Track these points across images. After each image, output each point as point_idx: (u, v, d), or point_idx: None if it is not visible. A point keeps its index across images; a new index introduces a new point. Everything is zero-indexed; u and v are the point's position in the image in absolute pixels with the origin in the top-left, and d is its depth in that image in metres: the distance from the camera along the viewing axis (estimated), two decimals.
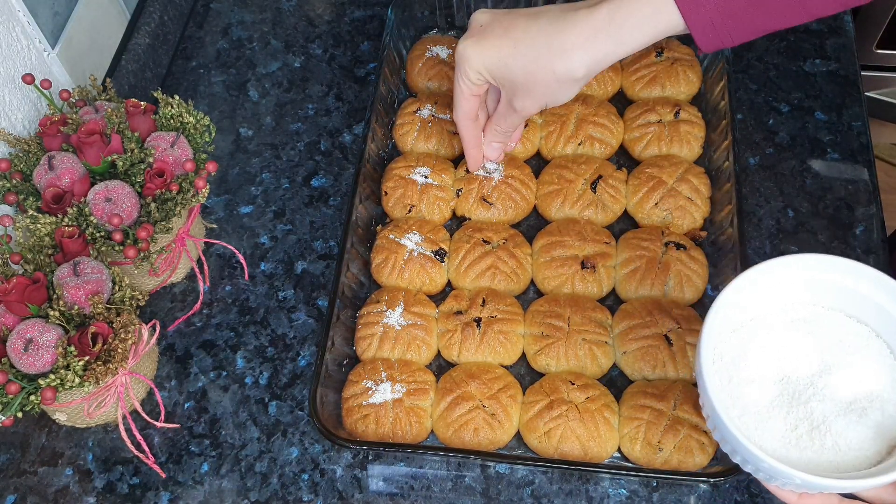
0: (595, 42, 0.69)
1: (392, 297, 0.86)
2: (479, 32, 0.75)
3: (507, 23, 0.73)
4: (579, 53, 0.70)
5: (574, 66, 0.70)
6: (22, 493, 0.81)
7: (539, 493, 0.79)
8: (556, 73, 0.71)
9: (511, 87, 0.75)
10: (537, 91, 0.74)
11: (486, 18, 0.75)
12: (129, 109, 0.85)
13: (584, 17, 0.69)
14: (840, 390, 0.62)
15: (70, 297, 0.74)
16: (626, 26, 0.68)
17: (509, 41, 0.72)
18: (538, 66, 0.71)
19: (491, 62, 0.74)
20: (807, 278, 0.66)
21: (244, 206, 1.00)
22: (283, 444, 0.83)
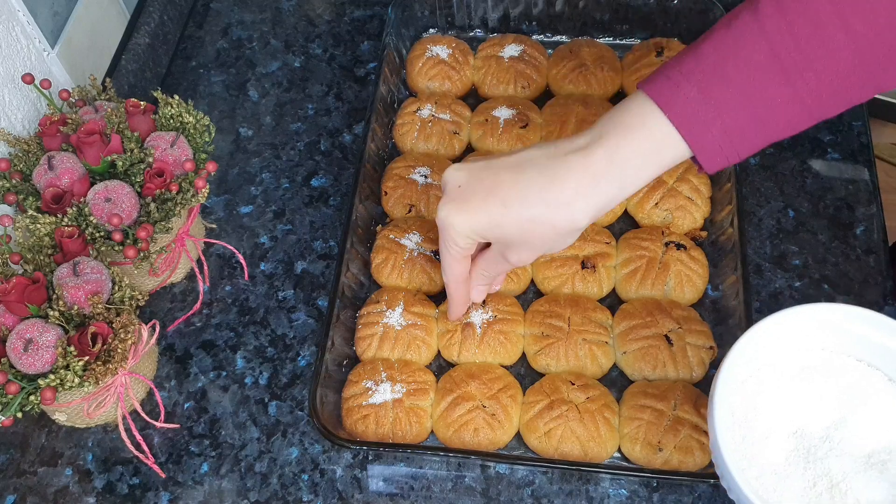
0: (597, 189, 0.63)
1: (392, 297, 0.86)
2: (459, 196, 0.68)
3: (490, 181, 0.67)
4: (581, 204, 0.64)
5: (576, 217, 0.64)
6: (22, 493, 0.81)
7: (539, 494, 0.79)
8: (557, 227, 0.65)
9: (504, 244, 0.70)
10: (535, 245, 0.68)
11: (461, 177, 0.69)
12: (128, 109, 0.85)
13: (579, 164, 0.63)
14: (857, 443, 0.61)
15: (70, 297, 0.74)
16: (629, 167, 0.63)
17: (497, 201, 0.66)
18: (535, 223, 0.65)
19: (480, 226, 0.67)
20: (816, 325, 0.65)
21: (244, 206, 0.99)
22: (283, 445, 0.83)
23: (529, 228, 0.66)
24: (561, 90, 1.02)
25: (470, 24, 1.10)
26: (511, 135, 0.97)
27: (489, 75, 1.03)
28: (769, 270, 0.91)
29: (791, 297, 0.89)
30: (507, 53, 1.03)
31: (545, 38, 1.09)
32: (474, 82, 1.05)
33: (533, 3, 1.07)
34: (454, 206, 0.68)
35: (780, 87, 0.60)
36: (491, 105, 1.00)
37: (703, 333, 0.83)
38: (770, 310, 0.87)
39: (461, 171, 0.69)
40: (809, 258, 0.91)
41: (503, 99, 1.01)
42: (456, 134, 0.99)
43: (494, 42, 1.05)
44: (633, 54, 1.03)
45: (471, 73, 1.04)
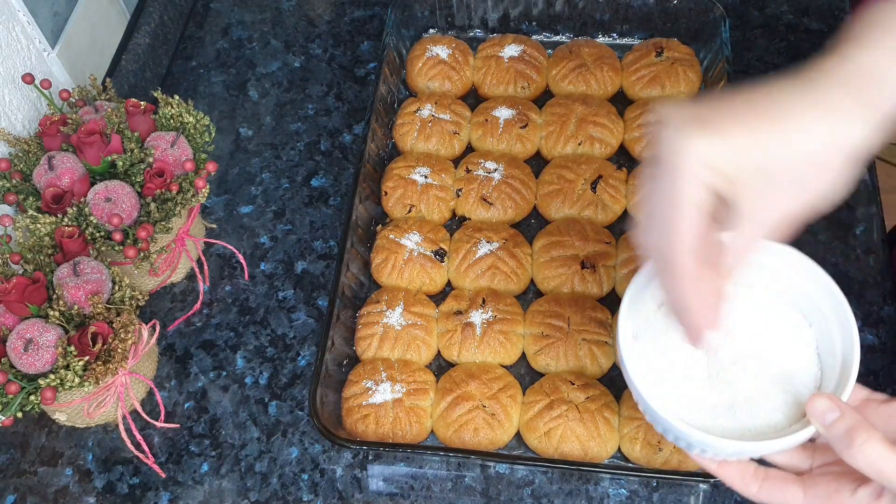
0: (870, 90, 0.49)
1: (392, 297, 0.86)
2: (698, 118, 0.49)
3: (737, 103, 0.50)
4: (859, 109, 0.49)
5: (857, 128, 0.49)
6: (22, 493, 0.81)
7: (539, 493, 0.79)
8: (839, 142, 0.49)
9: (764, 187, 0.50)
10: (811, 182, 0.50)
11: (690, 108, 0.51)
12: (128, 109, 0.85)
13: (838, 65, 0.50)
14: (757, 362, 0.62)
15: (70, 297, 0.74)
16: None
17: (763, 119, 0.49)
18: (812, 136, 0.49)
19: (738, 154, 0.49)
20: None
21: (244, 206, 1.00)
22: (283, 444, 0.83)
23: (804, 149, 0.49)
24: (561, 90, 1.02)
25: (470, 24, 1.10)
26: (511, 135, 0.97)
27: (489, 75, 1.03)
28: None
29: None
30: (507, 53, 1.03)
31: (545, 38, 1.09)
32: (474, 82, 1.05)
33: (533, 3, 1.07)
34: (696, 128, 0.48)
35: None
36: (491, 105, 1.00)
37: None
38: None
39: (686, 107, 0.51)
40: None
41: (503, 99, 1.01)
42: (456, 134, 0.99)
43: (494, 42, 1.05)
44: (633, 54, 1.03)
45: (471, 73, 1.04)
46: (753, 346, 0.63)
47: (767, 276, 0.66)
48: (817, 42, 1.07)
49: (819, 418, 0.54)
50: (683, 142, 0.48)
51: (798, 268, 0.64)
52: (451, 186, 0.95)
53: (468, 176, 0.94)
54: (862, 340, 0.86)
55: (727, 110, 0.50)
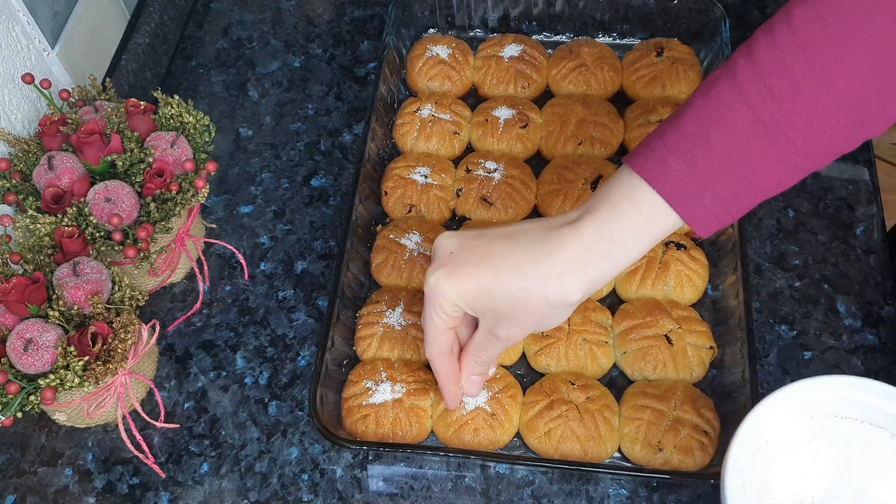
0: (588, 264, 0.62)
1: (392, 297, 0.86)
2: (450, 261, 0.66)
3: (482, 249, 0.65)
4: (572, 278, 0.62)
5: (569, 290, 0.63)
6: (22, 493, 0.81)
7: (539, 493, 0.79)
8: (550, 299, 0.63)
9: (494, 317, 0.66)
10: (526, 318, 0.65)
11: (453, 244, 0.67)
12: (128, 109, 0.85)
13: (570, 237, 0.62)
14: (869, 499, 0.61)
15: (70, 297, 0.74)
16: (618, 242, 0.62)
17: (489, 269, 0.64)
18: (528, 294, 0.63)
19: (470, 294, 0.65)
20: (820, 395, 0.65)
21: (244, 206, 1.00)
22: (283, 444, 0.83)
23: (521, 300, 0.64)
24: (561, 90, 1.02)
25: (470, 24, 1.10)
26: (511, 135, 0.97)
27: (489, 75, 1.03)
28: (769, 270, 0.91)
29: (791, 297, 0.89)
30: (507, 53, 1.03)
31: (545, 38, 1.09)
32: (474, 82, 1.05)
33: (533, 3, 1.07)
34: (444, 272, 0.66)
35: (766, 149, 0.59)
36: (491, 105, 1.00)
37: (703, 333, 0.83)
38: (770, 310, 0.88)
39: (453, 239, 0.68)
40: (809, 258, 0.91)
41: (503, 99, 1.01)
42: (456, 134, 0.99)
43: (494, 42, 1.05)
44: (633, 54, 1.03)
45: (471, 73, 1.04)
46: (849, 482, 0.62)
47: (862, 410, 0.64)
48: None
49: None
50: (435, 281, 0.66)
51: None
52: (451, 186, 0.95)
53: (468, 176, 0.94)
54: (862, 340, 0.86)
55: (475, 255, 0.65)
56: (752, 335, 0.79)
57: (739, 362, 0.79)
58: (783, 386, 0.65)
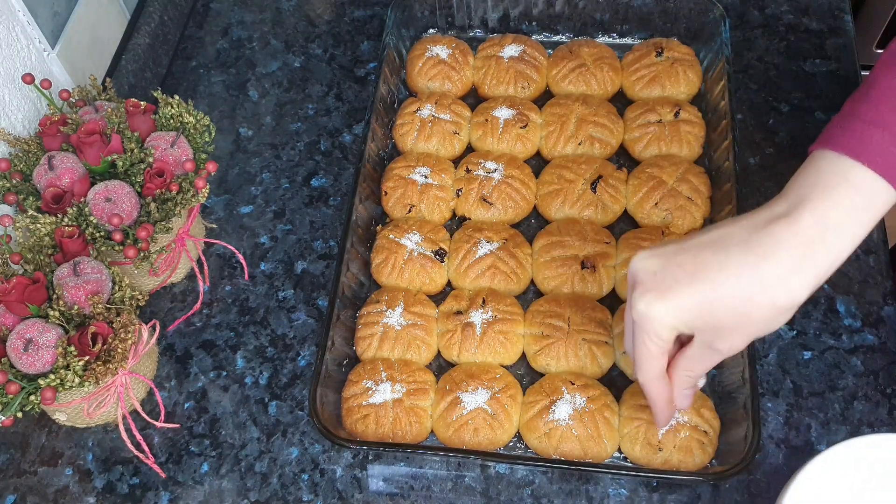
0: (814, 259, 0.58)
1: (392, 297, 0.86)
2: (658, 284, 0.62)
3: (690, 264, 0.61)
4: (798, 277, 0.58)
5: (795, 292, 0.59)
6: (22, 493, 0.81)
7: (539, 493, 0.79)
8: (777, 304, 0.59)
9: (713, 331, 0.62)
10: (751, 328, 0.61)
11: (655, 264, 0.63)
12: (128, 109, 0.85)
13: (787, 233, 0.59)
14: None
15: (70, 297, 0.74)
16: (843, 230, 0.58)
17: (705, 284, 0.60)
18: (753, 305, 0.59)
19: (688, 314, 0.61)
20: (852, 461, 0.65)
21: (244, 206, 1.00)
22: (283, 444, 0.83)
23: (746, 310, 0.60)
24: (561, 90, 1.02)
25: (470, 24, 1.10)
26: (511, 135, 0.97)
27: (489, 75, 1.03)
28: None
29: None
30: (506, 53, 1.03)
31: (545, 38, 1.09)
32: (474, 82, 1.05)
33: (533, 3, 1.07)
34: (655, 295, 0.62)
35: None
36: (491, 105, 1.00)
37: None
38: None
39: (653, 259, 0.63)
40: None
41: (503, 99, 1.01)
42: (456, 134, 0.99)
43: (494, 42, 1.05)
44: (633, 54, 1.03)
45: (471, 73, 1.04)
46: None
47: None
48: (817, 42, 1.07)
49: None
50: (646, 308, 0.62)
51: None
52: (451, 186, 0.95)
53: (468, 176, 0.94)
54: (862, 340, 0.86)
55: (684, 271, 0.61)
56: None
57: (739, 362, 0.79)
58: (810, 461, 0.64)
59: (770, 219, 0.60)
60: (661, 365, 0.66)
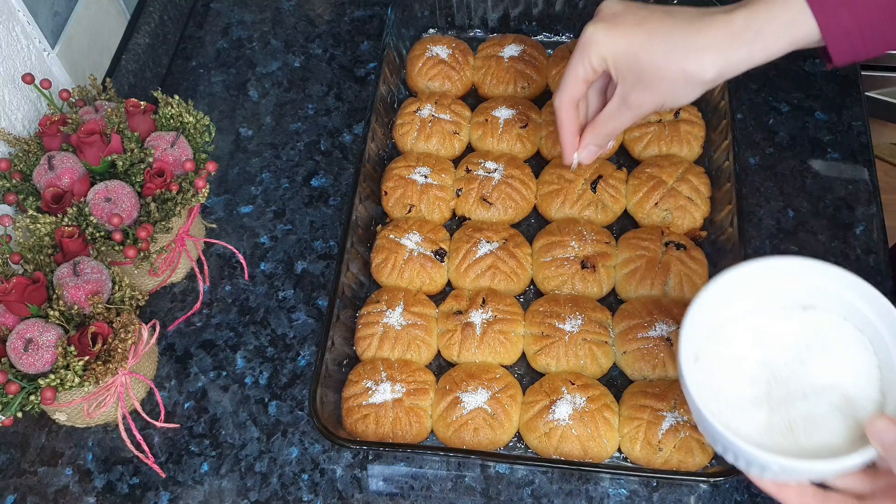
0: (731, 46, 0.68)
1: (392, 297, 0.86)
2: (610, 18, 0.73)
3: (643, 15, 0.72)
4: (713, 55, 0.68)
5: (706, 67, 0.69)
6: (22, 493, 0.81)
7: (539, 493, 0.79)
8: (687, 71, 0.69)
9: (633, 81, 0.73)
10: (661, 87, 0.72)
11: (618, 7, 0.74)
12: (128, 109, 0.85)
13: (721, 21, 0.68)
14: (817, 383, 0.63)
15: (70, 297, 0.74)
16: (763, 34, 0.67)
17: (643, 32, 0.71)
18: (669, 61, 0.69)
19: (620, 50, 0.72)
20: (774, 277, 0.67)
21: (244, 206, 1.00)
22: (283, 444, 0.83)
23: (662, 67, 0.70)
24: None
25: (470, 24, 1.10)
26: (511, 135, 0.97)
27: (489, 75, 1.03)
28: None
29: None
30: (507, 53, 1.03)
31: (545, 38, 1.09)
32: (474, 82, 1.05)
33: (533, 3, 1.07)
34: (603, 27, 0.72)
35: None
36: (491, 105, 1.00)
37: None
38: None
39: (618, 4, 0.73)
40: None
41: (503, 99, 1.01)
42: (456, 134, 0.99)
43: (494, 42, 1.05)
44: None
45: (471, 73, 1.04)
46: (815, 369, 0.63)
47: (831, 301, 0.66)
48: None
49: (879, 439, 0.56)
50: (592, 31, 0.72)
51: (860, 292, 0.64)
52: (451, 186, 0.95)
53: (468, 176, 0.94)
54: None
55: (636, 18, 0.71)
56: None
57: None
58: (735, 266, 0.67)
59: (718, 11, 0.69)
60: (578, 90, 0.77)
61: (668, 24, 0.70)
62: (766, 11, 0.67)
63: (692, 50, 0.69)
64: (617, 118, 0.77)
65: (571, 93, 0.77)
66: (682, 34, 0.69)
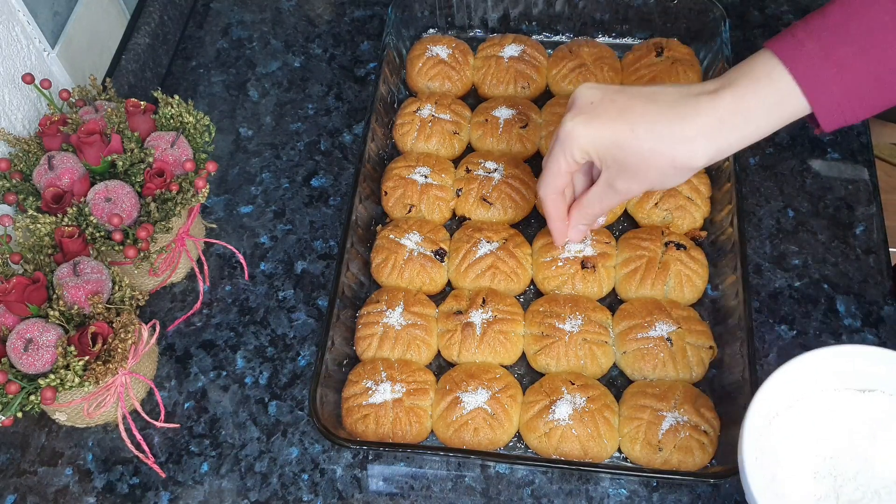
0: (720, 132, 0.67)
1: (392, 297, 0.86)
2: (589, 110, 0.71)
3: (622, 103, 0.70)
4: (703, 143, 0.67)
5: (696, 155, 0.67)
6: (22, 493, 0.81)
7: (539, 493, 0.79)
8: (676, 160, 0.68)
9: (617, 169, 0.71)
10: (649, 175, 0.70)
11: (595, 95, 0.72)
12: (128, 109, 0.85)
13: (707, 105, 0.67)
14: (888, 477, 0.61)
15: (70, 297, 0.74)
16: (752, 117, 0.66)
17: (625, 123, 0.69)
18: (656, 152, 0.68)
19: (602, 143, 0.70)
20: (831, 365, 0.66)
21: (244, 206, 1.00)
22: (283, 444, 0.83)
23: (649, 157, 0.68)
24: (561, 90, 1.02)
25: (470, 24, 1.10)
26: (511, 135, 0.97)
27: (489, 75, 1.03)
28: (769, 270, 0.91)
29: (791, 297, 0.89)
30: (506, 53, 1.03)
31: (545, 38, 1.09)
32: (474, 82, 1.05)
33: (533, 3, 1.07)
34: (582, 119, 0.71)
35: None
36: (491, 105, 1.00)
37: (702, 333, 0.83)
38: (770, 310, 0.88)
39: (595, 90, 0.72)
40: (809, 258, 0.91)
41: (503, 99, 1.01)
42: (456, 134, 0.99)
43: (494, 42, 1.05)
44: (633, 54, 1.03)
45: (471, 73, 1.04)
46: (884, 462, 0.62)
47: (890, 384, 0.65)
48: None
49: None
50: (572, 126, 0.71)
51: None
52: (451, 186, 0.95)
53: (468, 176, 0.94)
54: (862, 340, 0.86)
55: (615, 107, 0.70)
56: (751, 335, 0.79)
57: (739, 362, 0.79)
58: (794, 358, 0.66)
59: (701, 92, 0.68)
60: (562, 182, 0.77)
61: (650, 113, 0.68)
62: (753, 93, 0.66)
63: (679, 140, 0.67)
64: (603, 201, 0.76)
65: (555, 185, 0.77)
66: (666, 123, 0.67)
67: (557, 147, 0.73)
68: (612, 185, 0.73)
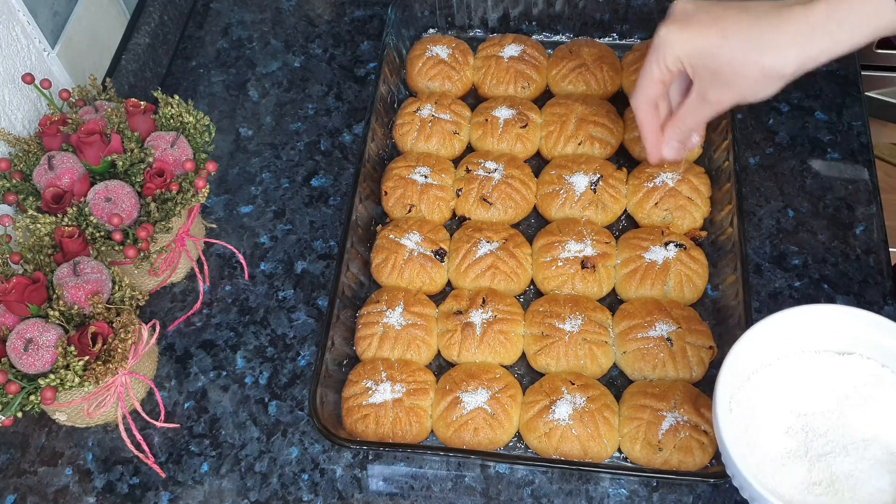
0: (812, 39, 0.67)
1: (392, 297, 0.86)
2: (683, 19, 0.73)
3: (717, 13, 0.72)
4: (793, 50, 0.68)
5: (786, 62, 0.68)
6: (22, 493, 0.81)
7: (539, 493, 0.79)
8: (765, 67, 0.69)
9: (710, 79, 0.73)
10: (739, 84, 0.72)
11: (690, 7, 0.74)
12: (128, 109, 0.85)
13: (800, 14, 0.67)
14: (857, 436, 0.62)
15: (70, 297, 0.74)
16: (846, 25, 0.66)
17: (718, 31, 0.71)
18: (747, 59, 0.69)
19: (695, 50, 0.72)
20: (812, 325, 0.66)
21: (244, 206, 1.00)
22: (283, 444, 0.83)
23: (739, 65, 0.70)
24: (561, 90, 1.02)
25: (470, 24, 1.10)
26: (511, 135, 0.97)
27: (489, 75, 1.03)
28: (769, 270, 0.91)
29: (791, 297, 0.89)
30: (507, 53, 1.03)
31: (545, 38, 1.09)
32: (474, 82, 1.05)
33: (533, 3, 1.07)
34: (677, 27, 0.73)
35: None
36: (491, 105, 1.00)
37: (702, 333, 0.83)
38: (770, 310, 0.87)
39: (691, 3, 0.74)
40: (809, 258, 0.91)
41: (503, 99, 1.01)
42: (456, 134, 0.99)
43: (494, 42, 1.05)
44: (633, 54, 1.03)
45: (471, 73, 1.04)
46: (855, 421, 0.62)
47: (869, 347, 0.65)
48: None
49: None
50: (666, 33, 0.74)
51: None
52: (451, 186, 0.95)
53: (468, 176, 0.94)
54: None
55: (710, 16, 0.71)
56: None
57: None
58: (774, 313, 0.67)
59: (795, 2, 0.68)
60: (655, 91, 0.78)
61: (743, 21, 0.69)
62: (848, 3, 0.66)
63: (771, 46, 0.68)
64: (697, 114, 0.78)
65: (647, 94, 0.78)
66: (759, 31, 0.68)
67: (651, 55, 0.75)
68: (704, 97, 0.74)
